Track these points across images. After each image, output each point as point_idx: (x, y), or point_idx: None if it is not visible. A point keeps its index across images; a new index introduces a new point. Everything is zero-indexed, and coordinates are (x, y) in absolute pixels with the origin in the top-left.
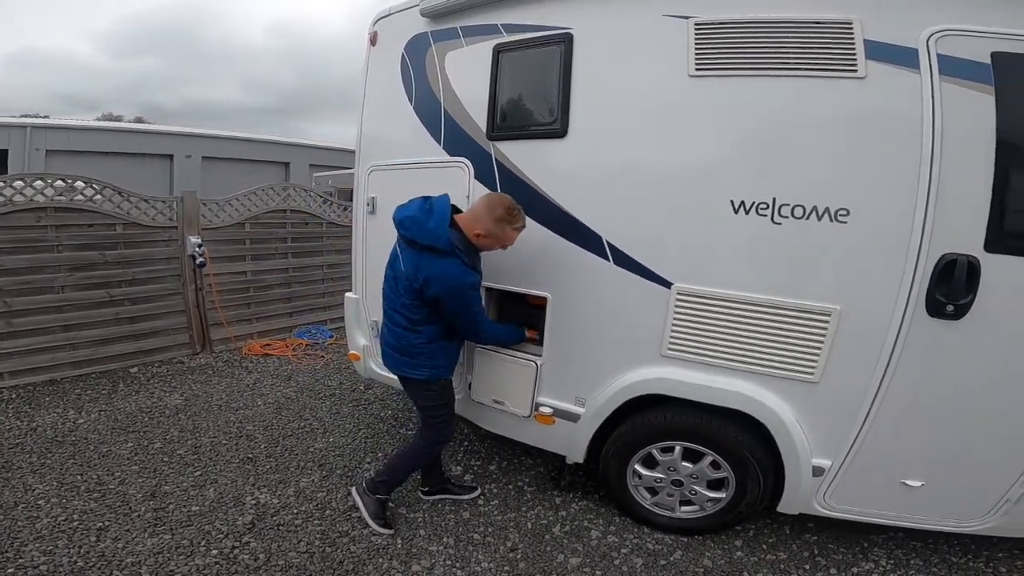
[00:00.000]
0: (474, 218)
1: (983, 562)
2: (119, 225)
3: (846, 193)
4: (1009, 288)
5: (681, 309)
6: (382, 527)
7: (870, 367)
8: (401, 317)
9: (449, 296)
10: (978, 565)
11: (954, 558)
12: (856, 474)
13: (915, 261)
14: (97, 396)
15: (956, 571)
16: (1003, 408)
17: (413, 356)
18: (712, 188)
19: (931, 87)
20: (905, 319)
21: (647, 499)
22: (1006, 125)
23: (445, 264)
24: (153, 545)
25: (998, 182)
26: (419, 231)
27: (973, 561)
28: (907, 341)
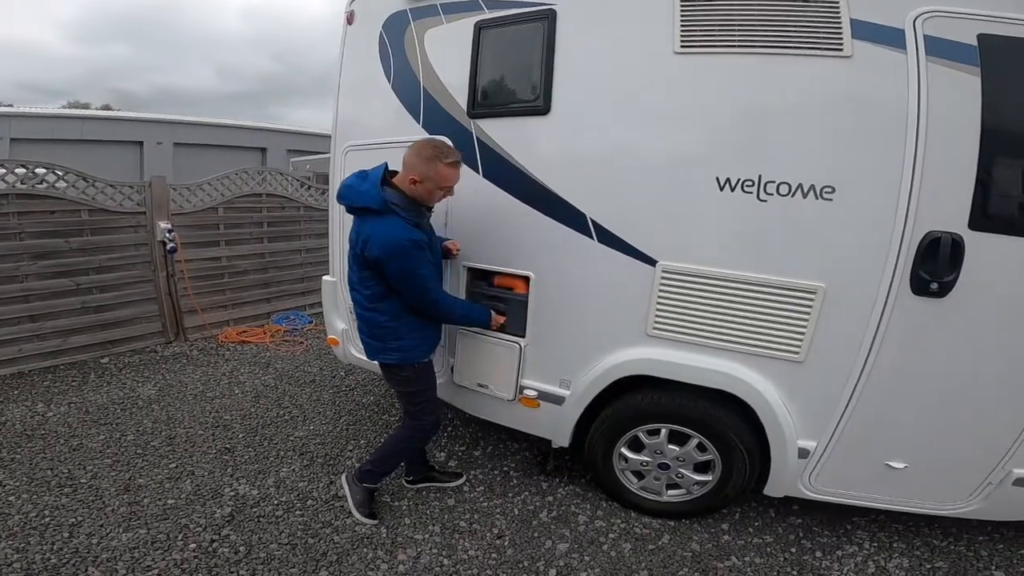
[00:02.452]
0: (407, 168)
1: (964, 545)
2: (84, 211)
3: (832, 171)
4: (993, 266)
5: (666, 287)
6: (366, 517)
7: (855, 346)
8: (360, 295)
9: (389, 256)
10: (959, 548)
11: (935, 541)
12: (841, 455)
13: (900, 239)
14: (67, 388)
15: (938, 554)
16: (985, 388)
17: (381, 339)
18: (698, 165)
19: (917, 67)
20: (890, 297)
21: (634, 483)
22: (991, 106)
23: (383, 222)
24: (128, 540)
25: (983, 161)
26: (354, 195)
27: (954, 544)
28: (891, 319)
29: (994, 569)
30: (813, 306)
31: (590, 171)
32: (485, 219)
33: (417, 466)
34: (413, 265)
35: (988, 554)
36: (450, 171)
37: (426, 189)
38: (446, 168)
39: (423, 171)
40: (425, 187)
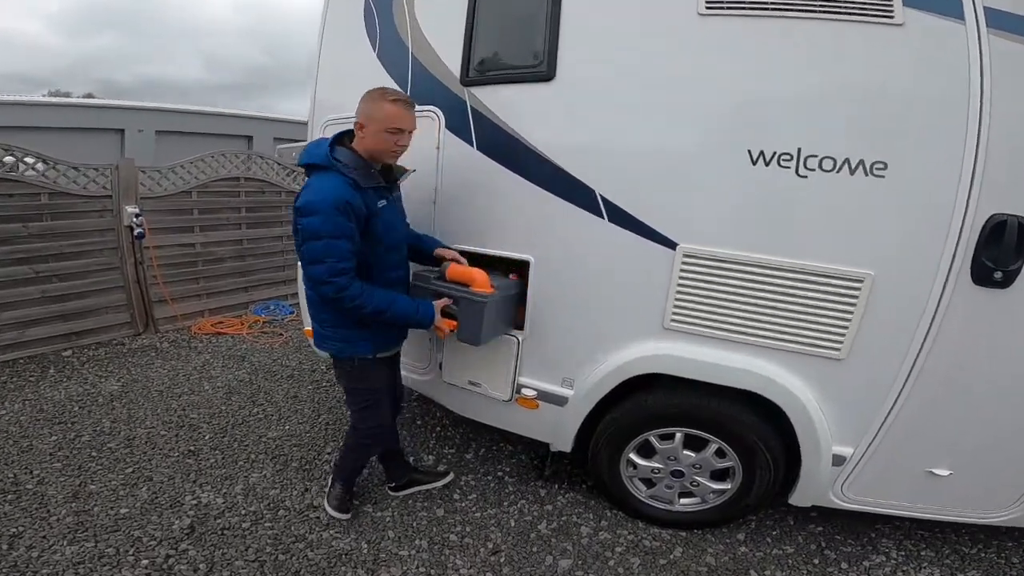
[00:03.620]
0: (356, 116)
1: (994, 552)
2: (44, 195)
3: (884, 145)
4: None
5: (687, 274)
6: (333, 508)
7: (905, 342)
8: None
9: (306, 211)
10: (990, 555)
11: (965, 548)
12: (880, 463)
13: (960, 222)
14: (23, 384)
15: (969, 562)
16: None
17: (321, 323)
18: (726, 135)
19: (978, 40)
20: (947, 287)
21: (642, 491)
22: None
23: (319, 178)
24: (73, 554)
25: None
26: (306, 155)
27: (984, 551)
28: (948, 312)
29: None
30: (859, 297)
31: (600, 142)
32: (479, 196)
33: (398, 471)
34: (326, 230)
35: (1020, 561)
36: (395, 109)
37: (372, 135)
38: (390, 105)
39: (367, 112)
40: (371, 132)
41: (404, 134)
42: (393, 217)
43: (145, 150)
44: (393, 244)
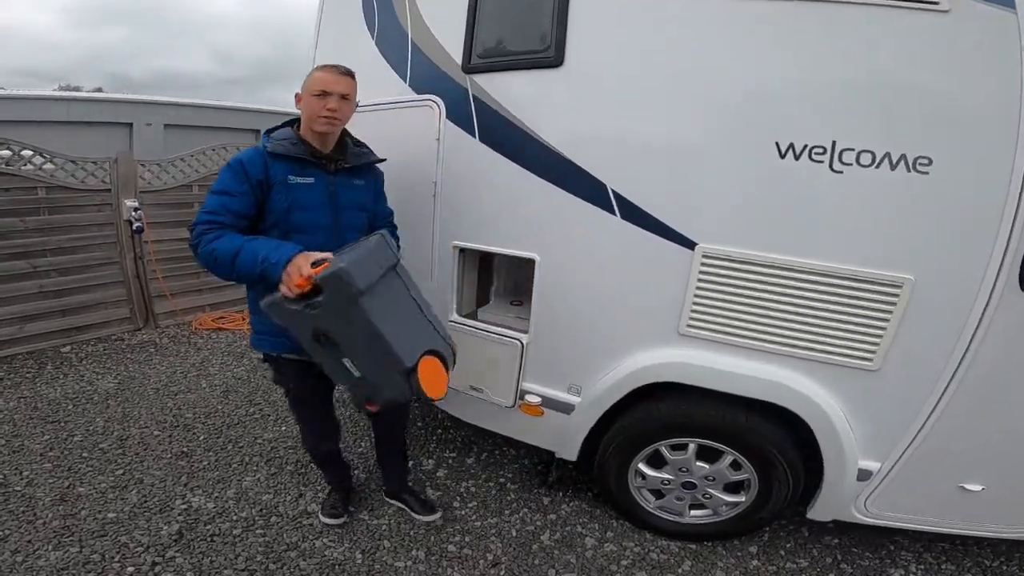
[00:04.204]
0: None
1: (1016, 565)
2: (41, 188)
3: (928, 138)
4: None
5: (707, 276)
6: (325, 515)
7: (944, 352)
8: None
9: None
10: (1012, 569)
11: (987, 561)
12: (908, 478)
13: (1011, 223)
14: (20, 380)
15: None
16: None
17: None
18: (752, 126)
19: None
20: (994, 294)
21: (651, 502)
22: None
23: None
24: (57, 560)
25: None
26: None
27: (1007, 565)
28: (993, 321)
29: None
30: (896, 303)
31: (612, 133)
32: (481, 190)
33: (390, 478)
34: (214, 186)
35: None
36: (321, 73)
37: (304, 104)
38: (318, 71)
39: (303, 85)
40: (303, 102)
41: (330, 97)
42: (311, 198)
43: (154, 144)
44: (298, 227)
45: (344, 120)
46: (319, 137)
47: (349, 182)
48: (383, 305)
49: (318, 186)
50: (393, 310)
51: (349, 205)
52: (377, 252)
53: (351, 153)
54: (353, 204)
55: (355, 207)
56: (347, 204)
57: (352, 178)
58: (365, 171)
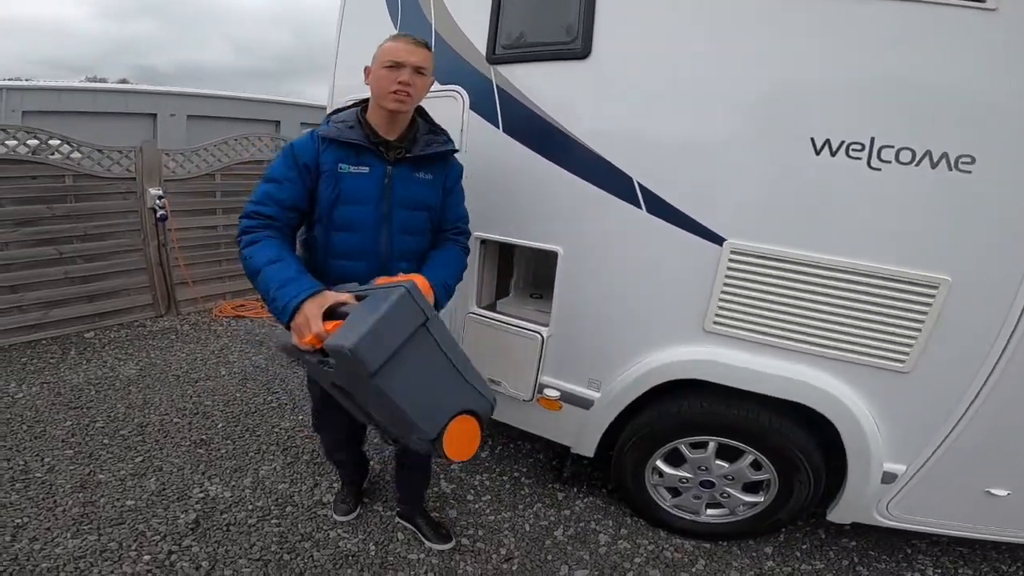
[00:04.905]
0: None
1: None
2: (68, 176)
3: (971, 137)
4: None
5: (735, 273)
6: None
7: (979, 355)
8: None
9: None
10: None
11: (1003, 567)
12: (934, 481)
13: None
14: (44, 366)
15: None
16: None
17: None
18: (786, 121)
19: None
20: None
21: (667, 500)
22: None
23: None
24: (75, 547)
25: None
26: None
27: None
28: None
29: None
30: (932, 305)
31: (639, 126)
32: (505, 181)
33: (405, 499)
34: (268, 170)
35: None
36: (392, 43)
37: (373, 78)
38: (389, 41)
39: (373, 57)
40: (372, 76)
41: (403, 70)
42: (362, 190)
43: (177, 134)
44: (341, 224)
45: (418, 98)
46: (388, 117)
47: (411, 175)
48: (406, 374)
49: (373, 177)
50: (418, 377)
51: (407, 202)
52: (399, 314)
53: (420, 141)
54: (412, 201)
55: (413, 205)
56: (404, 201)
57: (416, 170)
58: (434, 163)
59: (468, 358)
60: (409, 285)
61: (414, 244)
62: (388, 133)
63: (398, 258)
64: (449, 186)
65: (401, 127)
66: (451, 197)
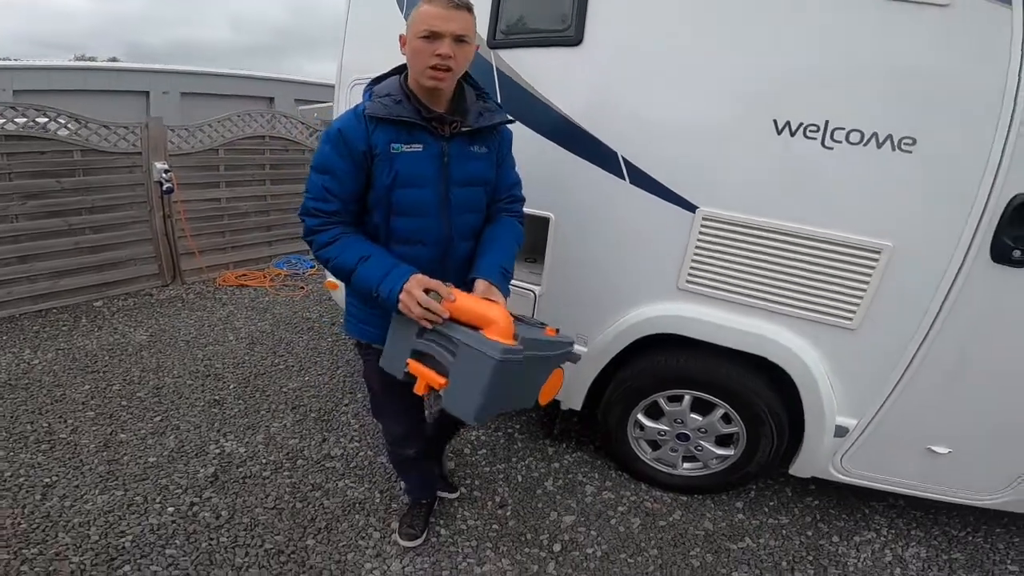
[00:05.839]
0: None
1: (982, 537)
2: (76, 152)
3: (915, 121)
4: None
5: (705, 236)
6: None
7: (918, 314)
8: None
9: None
10: (977, 540)
11: (953, 531)
12: (881, 436)
13: (985, 200)
14: (56, 333)
15: (956, 544)
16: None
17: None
18: (753, 105)
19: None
20: (965, 263)
21: (647, 453)
22: None
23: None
24: (103, 503)
25: None
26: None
27: (972, 536)
28: (963, 288)
29: (1009, 563)
30: (876, 267)
31: (625, 107)
32: None
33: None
34: (314, 161)
35: (1004, 547)
36: (429, 7)
37: (409, 50)
38: (425, 4)
39: (408, 23)
40: (408, 47)
41: (441, 41)
42: (419, 171)
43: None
44: (400, 208)
45: (460, 70)
46: (429, 92)
47: (467, 150)
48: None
49: (428, 155)
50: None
51: (465, 180)
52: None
53: (473, 111)
54: (470, 178)
55: (472, 181)
56: (462, 179)
57: (471, 144)
58: (488, 134)
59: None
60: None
61: (474, 221)
62: (436, 106)
63: (460, 238)
64: (502, 155)
65: (447, 98)
66: (504, 165)
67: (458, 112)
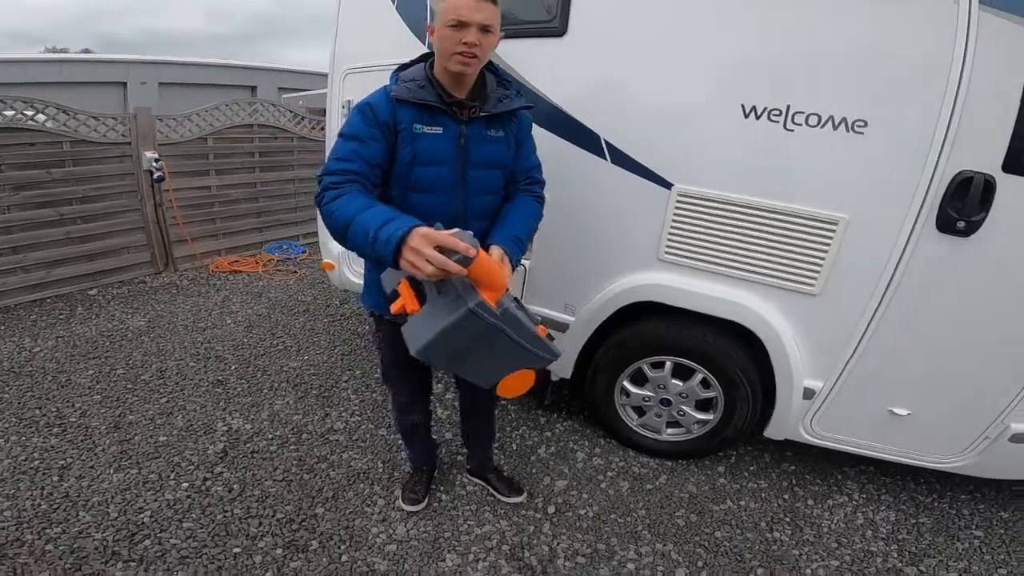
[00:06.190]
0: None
1: (947, 503)
2: (66, 143)
3: (867, 105)
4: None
5: (681, 211)
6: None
7: (872, 281)
8: None
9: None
10: (943, 505)
11: (921, 497)
12: (846, 398)
13: (931, 175)
14: (54, 322)
15: (923, 510)
16: (997, 334)
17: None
18: (723, 92)
19: (968, 14)
20: (914, 232)
21: (634, 420)
22: None
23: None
24: (119, 481)
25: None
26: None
27: (939, 501)
28: (913, 255)
29: (974, 528)
30: (833, 237)
31: (606, 93)
32: None
33: (474, 456)
34: (343, 129)
35: (969, 513)
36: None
37: (438, 38)
38: None
39: (437, 13)
40: (437, 35)
41: (468, 29)
42: (438, 151)
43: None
44: (418, 185)
45: (484, 57)
46: (454, 77)
47: (484, 134)
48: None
49: (447, 138)
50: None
51: (481, 162)
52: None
53: (491, 98)
54: (486, 160)
55: (487, 164)
56: (479, 160)
57: (488, 128)
58: (506, 119)
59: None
60: (474, 303)
61: (490, 203)
62: (457, 91)
63: (475, 218)
64: (521, 139)
65: (469, 85)
66: (522, 149)
67: (478, 98)
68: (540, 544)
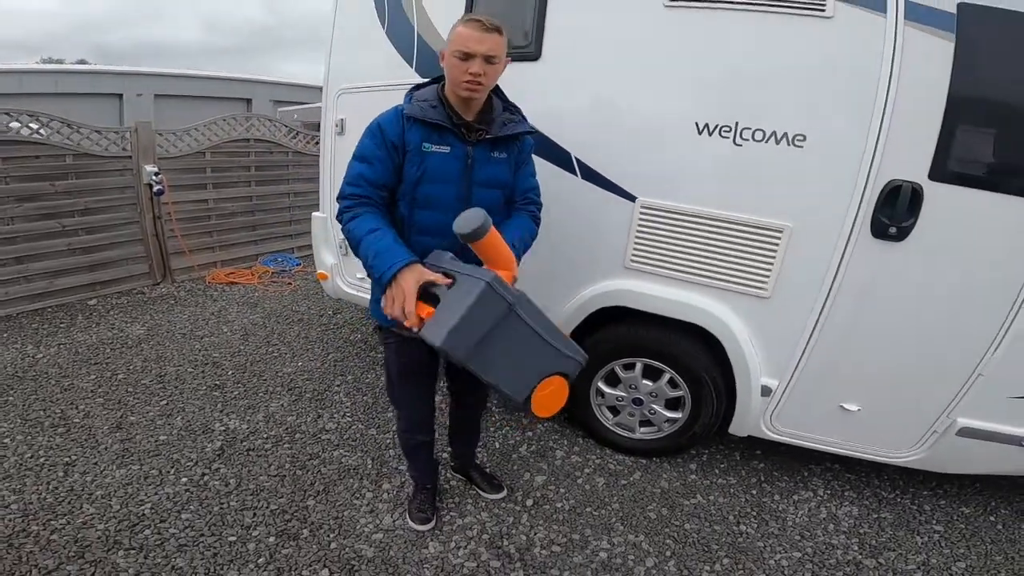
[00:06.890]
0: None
1: (909, 498)
2: (69, 156)
3: (804, 121)
4: (948, 214)
5: (644, 222)
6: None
7: (817, 283)
8: None
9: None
10: (904, 501)
11: (884, 492)
12: (799, 395)
13: (864, 185)
14: (55, 330)
15: (885, 505)
16: (934, 333)
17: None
18: (680, 111)
19: (895, 30)
20: (851, 238)
21: (609, 419)
22: (960, 72)
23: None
24: (122, 476)
25: (947, 120)
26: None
27: (901, 497)
28: (851, 260)
29: (935, 523)
30: (780, 244)
31: (576, 113)
32: None
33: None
34: (355, 151)
35: (931, 508)
36: (463, 29)
37: (447, 65)
38: (461, 26)
39: (448, 39)
40: (446, 62)
41: (473, 60)
42: (445, 169)
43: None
44: (424, 202)
45: (490, 85)
46: (462, 101)
47: (488, 155)
48: (495, 353)
49: (454, 157)
50: (508, 353)
51: (485, 182)
52: (483, 306)
53: (497, 121)
54: (490, 180)
55: (491, 184)
56: (483, 180)
57: (493, 150)
58: (509, 142)
59: (554, 325)
60: (490, 277)
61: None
62: (466, 114)
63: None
64: (521, 161)
65: (477, 108)
66: (522, 170)
67: (484, 121)
68: (519, 534)
